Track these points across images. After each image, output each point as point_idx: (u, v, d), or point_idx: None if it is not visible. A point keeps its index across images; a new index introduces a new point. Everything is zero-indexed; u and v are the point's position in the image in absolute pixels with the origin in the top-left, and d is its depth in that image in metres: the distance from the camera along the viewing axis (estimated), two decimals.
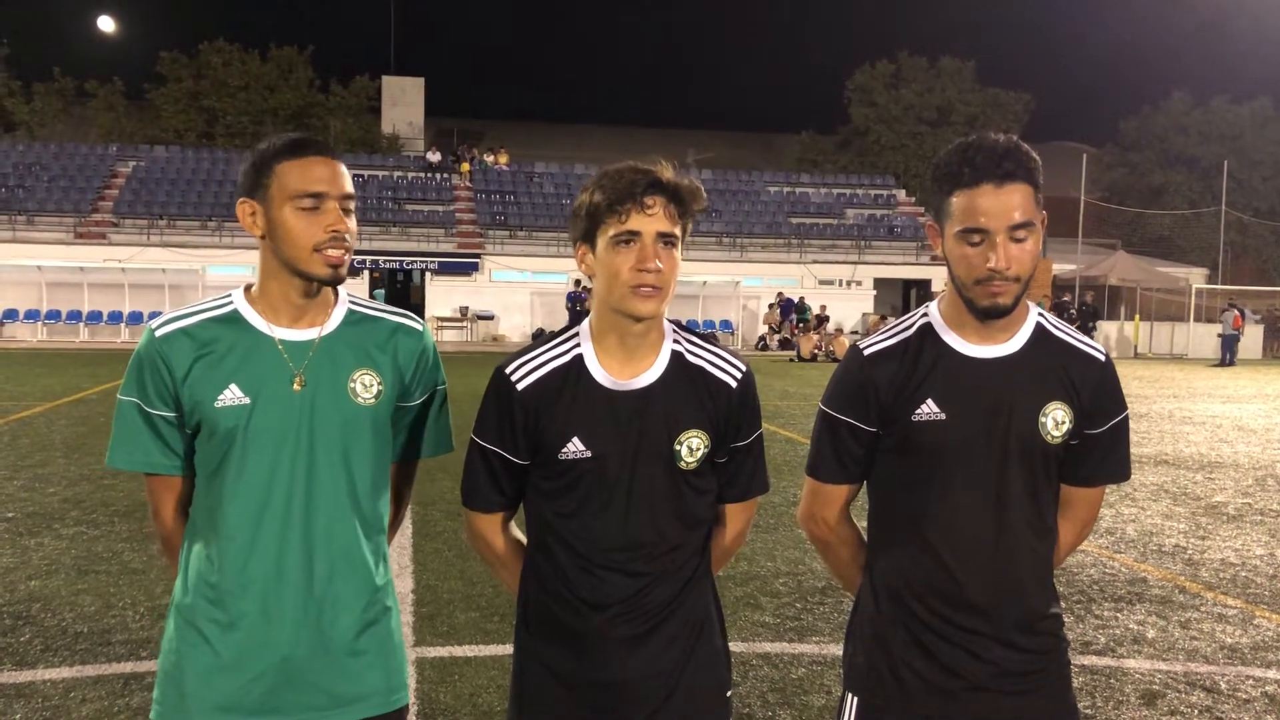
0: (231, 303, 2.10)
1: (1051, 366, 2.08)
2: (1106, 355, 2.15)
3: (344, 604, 2.06)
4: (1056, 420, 2.06)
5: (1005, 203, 1.93)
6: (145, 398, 2.04)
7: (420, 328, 2.21)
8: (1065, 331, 2.14)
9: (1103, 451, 2.13)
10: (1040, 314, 2.13)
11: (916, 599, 2.09)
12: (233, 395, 2.01)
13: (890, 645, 2.12)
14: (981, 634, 2.06)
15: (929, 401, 2.05)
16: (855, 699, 2.16)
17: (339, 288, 2.14)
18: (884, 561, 2.16)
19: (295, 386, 2.03)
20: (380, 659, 2.12)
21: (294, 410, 2.03)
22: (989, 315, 2.01)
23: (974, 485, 2.05)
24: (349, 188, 2.04)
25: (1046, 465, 2.09)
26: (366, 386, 2.09)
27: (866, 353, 2.13)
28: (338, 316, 2.13)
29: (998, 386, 2.05)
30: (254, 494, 2.01)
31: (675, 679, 2.08)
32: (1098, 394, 2.10)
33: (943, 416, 2.05)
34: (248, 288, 2.12)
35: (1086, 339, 2.15)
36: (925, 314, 2.15)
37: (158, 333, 2.05)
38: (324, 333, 2.09)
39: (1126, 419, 2.15)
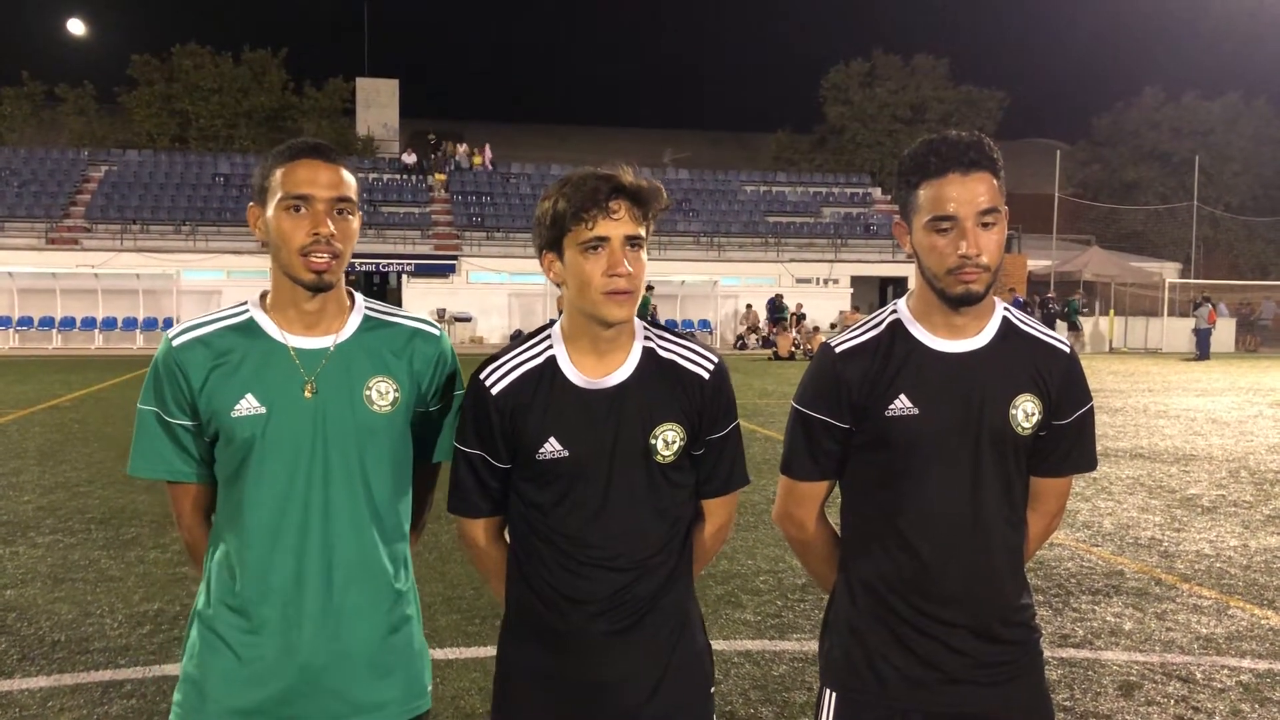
0: (247, 311, 2.10)
1: (1020, 359, 2.10)
2: (1071, 347, 2.19)
3: (363, 611, 2.06)
4: (1027, 412, 2.09)
5: (972, 190, 1.96)
6: (164, 406, 2.05)
7: (437, 333, 2.21)
8: (1031, 325, 2.17)
9: (1070, 442, 2.16)
10: (1006, 308, 2.16)
11: (892, 593, 2.11)
12: (249, 405, 2.01)
13: (867, 639, 2.14)
14: (957, 626, 2.08)
15: (901, 396, 2.07)
16: (833, 694, 2.18)
17: (356, 294, 2.15)
18: (859, 556, 2.17)
19: (306, 394, 2.03)
20: (401, 666, 2.12)
21: (307, 419, 2.03)
22: (962, 303, 2.03)
23: (947, 479, 2.07)
24: (344, 191, 2.02)
25: (1017, 457, 2.11)
26: (382, 394, 2.09)
27: (838, 350, 2.15)
28: (354, 323, 2.12)
29: (969, 380, 2.07)
30: (272, 502, 2.02)
31: (657, 679, 2.09)
32: (1064, 385, 2.13)
33: (915, 411, 2.07)
34: (264, 295, 2.12)
35: (1051, 332, 2.18)
36: (895, 310, 2.17)
37: (175, 342, 2.05)
38: (339, 340, 2.09)
39: (1092, 409, 2.19)
